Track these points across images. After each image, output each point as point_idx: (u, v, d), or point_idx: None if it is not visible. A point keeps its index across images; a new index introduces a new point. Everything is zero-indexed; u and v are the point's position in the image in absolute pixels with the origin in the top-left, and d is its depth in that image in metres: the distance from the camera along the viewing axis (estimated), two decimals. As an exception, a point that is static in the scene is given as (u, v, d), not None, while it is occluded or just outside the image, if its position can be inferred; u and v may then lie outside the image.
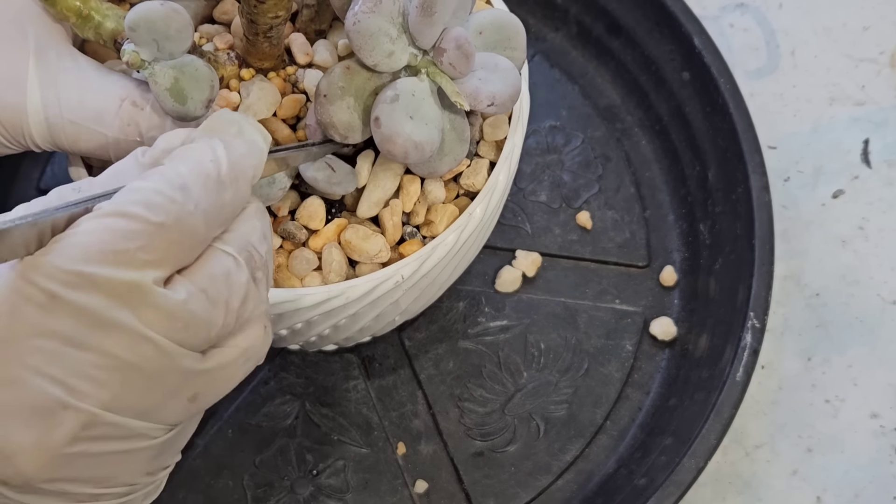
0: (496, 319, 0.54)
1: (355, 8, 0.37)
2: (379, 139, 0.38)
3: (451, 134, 0.40)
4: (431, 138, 0.39)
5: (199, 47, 0.42)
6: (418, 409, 0.52)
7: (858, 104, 0.60)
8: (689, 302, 0.54)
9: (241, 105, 0.42)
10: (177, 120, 0.38)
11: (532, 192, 0.57)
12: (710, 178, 0.55)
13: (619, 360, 0.53)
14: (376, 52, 0.38)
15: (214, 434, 0.51)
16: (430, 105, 0.39)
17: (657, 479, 0.47)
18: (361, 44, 0.38)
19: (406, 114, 0.38)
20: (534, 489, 0.51)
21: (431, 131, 0.39)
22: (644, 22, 0.58)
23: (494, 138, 0.44)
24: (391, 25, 0.38)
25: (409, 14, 0.37)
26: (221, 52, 0.42)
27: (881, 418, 0.53)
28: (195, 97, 0.38)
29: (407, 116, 0.38)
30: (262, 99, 0.42)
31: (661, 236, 0.56)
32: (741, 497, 0.51)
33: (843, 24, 0.63)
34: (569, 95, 0.60)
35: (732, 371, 0.48)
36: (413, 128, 0.38)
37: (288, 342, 0.48)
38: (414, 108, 0.38)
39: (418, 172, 0.42)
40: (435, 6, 0.37)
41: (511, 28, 0.41)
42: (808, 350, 0.55)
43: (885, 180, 0.58)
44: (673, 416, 0.51)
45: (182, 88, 0.37)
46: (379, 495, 0.50)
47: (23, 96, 0.38)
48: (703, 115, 0.55)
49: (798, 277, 0.56)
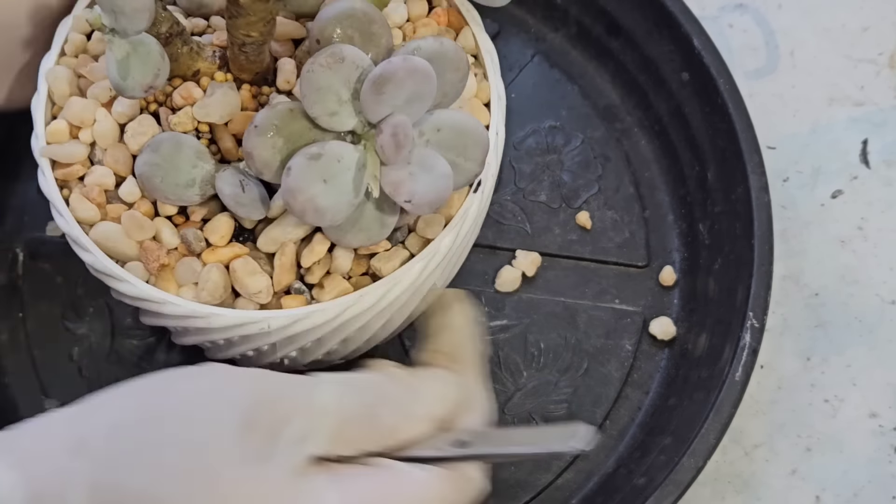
0: (496, 319, 0.54)
1: (317, 58, 0.37)
2: (283, 189, 0.37)
3: (373, 212, 0.39)
4: (337, 208, 0.37)
5: (192, 33, 0.42)
6: (418, 409, 0.52)
7: (857, 105, 0.61)
8: (688, 302, 0.54)
9: (197, 102, 0.42)
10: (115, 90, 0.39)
11: (532, 192, 0.57)
12: (710, 178, 0.55)
13: (618, 360, 0.53)
14: (318, 107, 0.38)
15: (215, 433, 0.51)
16: (353, 175, 0.38)
17: (656, 479, 0.47)
18: (308, 94, 0.37)
19: (320, 175, 0.37)
20: (533, 488, 0.51)
21: (340, 201, 0.38)
22: (643, 22, 0.58)
23: (424, 235, 0.42)
24: (344, 87, 0.37)
25: (364, 84, 0.37)
26: (209, 48, 0.42)
27: (880, 418, 0.53)
28: (136, 78, 0.38)
29: (320, 178, 0.37)
30: (220, 104, 0.41)
31: (660, 236, 0.56)
32: (740, 496, 0.51)
33: (842, 25, 0.63)
34: (568, 95, 0.60)
35: (731, 371, 0.48)
36: (321, 191, 0.37)
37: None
38: (332, 173, 0.37)
39: (327, 235, 0.41)
40: (385, 87, 0.36)
41: (473, 137, 0.39)
42: (807, 350, 0.55)
43: (884, 180, 0.58)
44: (672, 415, 0.51)
45: (129, 65, 0.38)
46: (379, 494, 0.50)
47: None
48: (703, 115, 0.56)
49: (797, 277, 0.56)
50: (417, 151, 0.38)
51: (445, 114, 0.39)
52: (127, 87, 0.38)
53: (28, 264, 0.55)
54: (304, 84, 0.37)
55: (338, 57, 0.37)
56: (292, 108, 0.38)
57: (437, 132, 0.39)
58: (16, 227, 0.56)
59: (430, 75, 0.37)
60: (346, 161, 0.38)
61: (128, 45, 0.38)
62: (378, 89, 0.36)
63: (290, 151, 0.38)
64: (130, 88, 0.38)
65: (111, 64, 0.38)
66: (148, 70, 0.38)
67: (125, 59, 0.38)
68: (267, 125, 0.38)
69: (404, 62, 0.36)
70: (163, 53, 0.39)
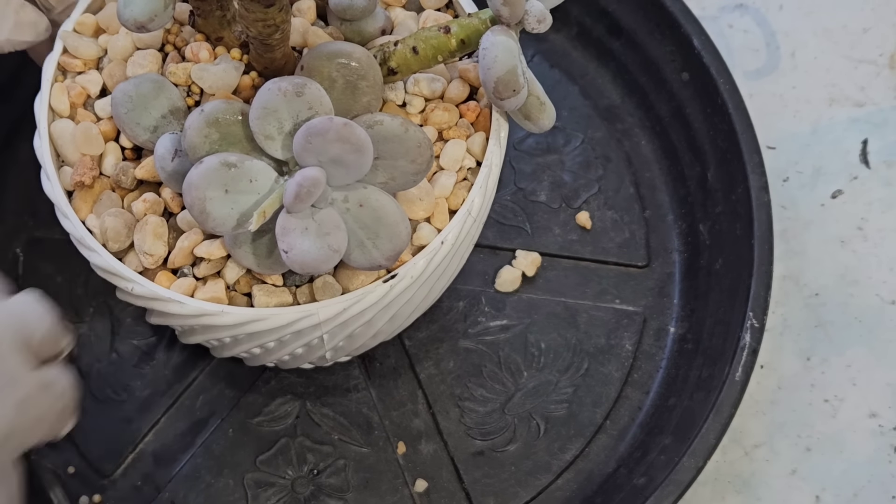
0: (496, 319, 0.54)
1: (280, 82, 0.37)
2: (187, 177, 0.37)
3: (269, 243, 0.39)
4: (224, 220, 0.37)
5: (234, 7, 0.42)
6: (418, 409, 0.52)
7: (858, 105, 0.61)
8: (688, 302, 0.54)
9: (199, 64, 0.42)
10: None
11: (532, 192, 0.57)
12: (710, 178, 0.55)
13: (618, 360, 0.53)
14: (259, 125, 0.37)
15: (215, 433, 0.51)
16: (256, 200, 0.38)
17: (657, 479, 0.47)
18: (256, 109, 0.37)
19: (225, 183, 0.37)
20: (534, 488, 0.51)
21: (230, 216, 0.37)
22: (644, 23, 0.58)
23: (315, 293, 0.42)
24: (289, 120, 0.37)
25: (301, 127, 0.37)
26: (241, 23, 0.42)
27: (880, 418, 0.53)
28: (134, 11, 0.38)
29: (223, 185, 0.37)
30: (216, 76, 0.42)
31: (660, 236, 0.56)
32: (740, 496, 0.52)
33: (842, 26, 0.63)
34: (569, 96, 0.60)
35: (732, 371, 0.48)
36: (217, 197, 0.37)
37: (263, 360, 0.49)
38: (237, 188, 0.37)
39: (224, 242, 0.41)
40: (312, 139, 0.36)
41: (389, 229, 0.39)
42: (807, 350, 0.55)
43: (884, 181, 0.58)
44: (672, 415, 0.51)
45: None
46: (379, 494, 0.50)
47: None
48: (703, 115, 0.56)
49: (797, 277, 0.56)
50: (327, 213, 0.38)
51: (377, 195, 0.39)
52: (123, 15, 0.38)
53: (28, 264, 0.55)
54: (257, 98, 0.37)
55: (298, 90, 0.37)
56: (244, 113, 0.38)
57: (360, 207, 0.38)
58: (16, 227, 0.56)
59: (363, 149, 0.36)
60: (258, 185, 0.38)
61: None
62: (307, 138, 0.36)
63: (218, 147, 0.38)
64: (126, 17, 0.38)
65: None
66: (147, 9, 0.38)
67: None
68: (213, 113, 0.38)
69: (342, 127, 0.36)
70: (170, 2, 0.38)
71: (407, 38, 0.41)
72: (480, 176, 0.43)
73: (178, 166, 0.40)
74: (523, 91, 0.40)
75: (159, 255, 0.41)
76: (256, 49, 0.41)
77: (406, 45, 0.41)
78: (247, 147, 0.38)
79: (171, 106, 0.41)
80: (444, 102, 0.44)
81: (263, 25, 0.39)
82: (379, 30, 0.44)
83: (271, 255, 0.40)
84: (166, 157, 0.40)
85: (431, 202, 0.42)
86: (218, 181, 0.37)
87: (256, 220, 0.37)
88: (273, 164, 0.38)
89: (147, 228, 0.41)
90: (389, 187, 0.39)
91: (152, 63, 0.43)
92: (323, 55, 0.39)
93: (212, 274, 0.41)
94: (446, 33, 0.41)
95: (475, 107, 0.44)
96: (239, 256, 0.40)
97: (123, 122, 0.41)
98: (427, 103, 0.44)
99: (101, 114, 0.43)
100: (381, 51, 0.42)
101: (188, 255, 0.41)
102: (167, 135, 0.40)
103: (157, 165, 0.40)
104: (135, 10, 0.38)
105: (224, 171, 0.37)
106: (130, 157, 0.43)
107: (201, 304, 0.40)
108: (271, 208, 0.37)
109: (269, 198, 0.37)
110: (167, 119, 0.41)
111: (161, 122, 0.41)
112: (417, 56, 0.41)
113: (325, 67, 0.39)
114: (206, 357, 0.53)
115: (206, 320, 0.41)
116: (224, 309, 0.40)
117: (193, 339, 0.45)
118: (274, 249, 0.39)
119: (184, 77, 0.42)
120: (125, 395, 0.52)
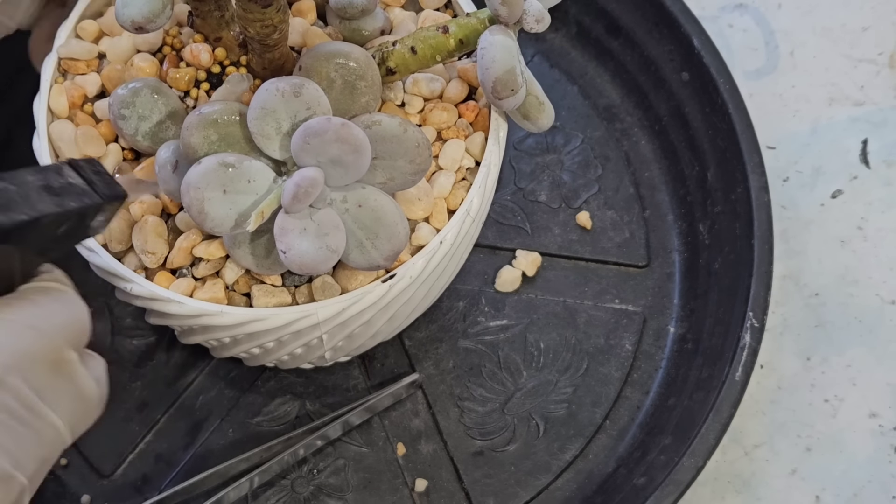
0: (496, 319, 0.54)
1: (278, 82, 0.37)
2: (185, 177, 0.37)
3: (267, 243, 0.39)
4: (222, 221, 0.37)
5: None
6: (418, 409, 0.52)
7: (857, 104, 0.61)
8: (688, 302, 0.54)
9: (203, 90, 0.42)
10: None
11: (532, 192, 0.57)
12: (710, 178, 0.55)
13: (618, 360, 0.53)
14: (257, 125, 0.37)
15: (214, 433, 0.51)
16: (255, 200, 0.38)
17: (656, 479, 0.47)
18: (254, 109, 0.37)
19: (223, 183, 0.37)
20: (533, 488, 0.51)
21: (228, 216, 0.37)
22: (643, 22, 0.58)
23: (314, 294, 0.42)
24: (287, 120, 0.37)
25: (299, 127, 0.37)
26: (239, 24, 0.42)
27: (880, 418, 0.53)
28: (131, 12, 0.38)
29: (221, 185, 0.37)
30: (225, 92, 0.42)
31: (660, 236, 0.56)
32: (740, 496, 0.52)
33: (842, 25, 0.63)
34: (568, 95, 0.60)
35: (731, 370, 0.48)
36: (215, 198, 0.37)
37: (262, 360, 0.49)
38: (236, 188, 0.37)
39: (223, 242, 0.41)
40: (311, 139, 0.36)
41: (388, 229, 0.38)
42: (807, 350, 0.55)
43: (884, 180, 0.58)
44: (672, 415, 0.51)
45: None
46: (379, 494, 0.50)
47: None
48: (703, 115, 0.56)
49: (797, 277, 0.56)
50: (325, 213, 0.38)
51: (375, 195, 0.39)
52: (122, 16, 0.38)
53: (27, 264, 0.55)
54: (255, 99, 0.37)
55: (296, 90, 0.37)
56: (242, 114, 0.38)
57: (358, 207, 0.38)
58: (16, 227, 0.56)
59: (361, 150, 0.36)
60: (256, 185, 0.38)
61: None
62: (305, 138, 0.36)
63: (216, 148, 0.38)
64: (124, 18, 0.38)
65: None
66: (145, 9, 0.38)
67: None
68: (211, 115, 0.38)
69: (340, 127, 0.36)
70: (168, 3, 0.38)
71: (405, 38, 0.41)
72: (479, 176, 0.43)
73: (180, 176, 0.40)
74: (522, 91, 0.40)
75: (161, 254, 0.41)
76: (255, 49, 0.41)
77: (404, 45, 0.41)
78: (245, 147, 0.38)
79: (170, 112, 0.41)
80: (442, 102, 0.44)
81: (261, 26, 0.39)
82: (378, 30, 0.44)
83: (270, 255, 0.40)
84: (167, 165, 0.40)
85: (430, 202, 0.42)
86: (216, 181, 0.37)
87: (255, 221, 0.37)
88: (271, 165, 0.38)
89: (147, 228, 0.41)
90: (388, 187, 0.39)
91: (150, 66, 0.43)
92: (321, 55, 0.39)
93: (211, 274, 0.41)
94: (445, 33, 0.41)
95: (474, 107, 0.44)
96: (238, 257, 0.40)
97: (120, 127, 0.41)
98: (426, 103, 0.44)
99: (100, 115, 0.43)
100: (380, 51, 0.42)
101: (187, 255, 0.41)
102: (167, 144, 0.40)
103: (159, 176, 0.40)
104: (133, 11, 0.38)
105: (222, 172, 0.37)
106: (130, 157, 0.43)
107: (200, 304, 0.40)
108: (269, 208, 0.37)
109: (268, 198, 0.37)
110: (165, 125, 0.41)
111: (160, 127, 0.41)
112: (416, 56, 0.41)
113: (324, 67, 0.39)
114: (206, 357, 0.53)
115: (205, 320, 0.41)
116: (223, 309, 0.40)
117: (193, 339, 0.45)
118: (273, 250, 0.39)
119: (186, 83, 0.42)
120: (125, 395, 0.52)
